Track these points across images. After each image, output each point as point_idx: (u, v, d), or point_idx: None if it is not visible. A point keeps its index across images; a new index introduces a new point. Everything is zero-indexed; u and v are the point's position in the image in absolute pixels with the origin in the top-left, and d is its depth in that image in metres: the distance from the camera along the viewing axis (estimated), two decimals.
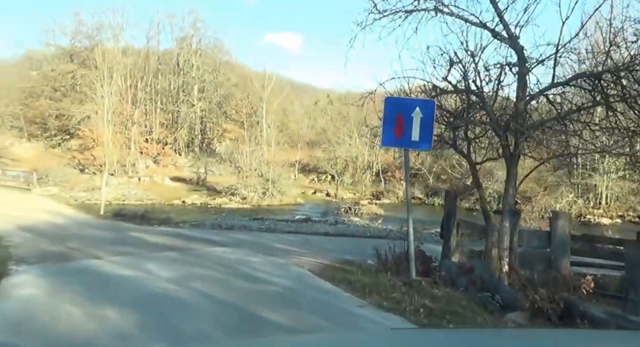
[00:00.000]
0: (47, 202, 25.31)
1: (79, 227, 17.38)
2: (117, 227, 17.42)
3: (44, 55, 59.14)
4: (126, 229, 16.77)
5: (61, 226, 17.57)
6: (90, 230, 16.39)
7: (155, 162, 53.60)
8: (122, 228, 16.98)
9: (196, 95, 57.81)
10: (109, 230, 16.30)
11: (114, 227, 17.40)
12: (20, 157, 50.15)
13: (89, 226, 17.72)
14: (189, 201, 42.14)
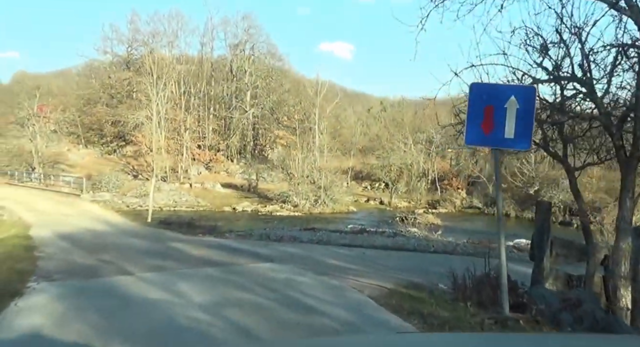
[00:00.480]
0: (95, 209, 24.65)
1: (121, 235, 16.32)
2: (160, 236, 16.27)
3: (101, 63, 59.85)
4: (169, 238, 15.59)
5: (102, 234, 16.56)
6: (131, 239, 15.27)
7: (208, 168, 53.12)
8: (165, 238, 15.80)
9: (249, 102, 57.14)
10: (150, 240, 15.14)
11: (156, 236, 16.26)
12: (77, 163, 50.56)
13: (131, 234, 16.63)
14: (240, 208, 41.14)
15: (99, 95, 58.49)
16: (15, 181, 35.63)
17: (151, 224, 20.70)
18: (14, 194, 29.48)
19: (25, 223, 19.42)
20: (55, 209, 23.47)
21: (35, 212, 22.32)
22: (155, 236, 16.15)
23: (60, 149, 53.76)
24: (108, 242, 14.24)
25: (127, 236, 16.22)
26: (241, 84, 57.56)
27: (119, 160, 53.45)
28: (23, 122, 43.68)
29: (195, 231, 18.15)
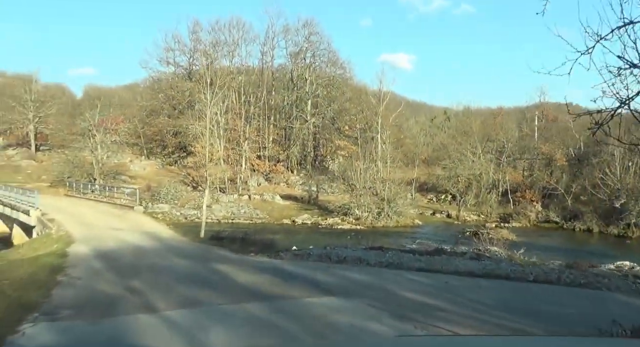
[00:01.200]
0: (148, 222, 23.19)
1: (165, 254, 14.48)
2: (208, 255, 14.32)
3: (163, 75, 59.76)
4: (216, 258, 13.61)
5: (145, 251, 14.78)
6: (175, 259, 13.38)
7: (267, 179, 51.55)
8: (213, 257, 13.84)
9: (309, 111, 55.36)
10: (195, 259, 13.19)
11: (204, 255, 14.32)
12: (138, 174, 50.09)
13: (177, 252, 14.77)
14: (299, 221, 39.16)
15: (161, 106, 58.23)
16: (74, 192, 34.98)
17: (202, 240, 18.85)
18: (70, 205, 28.58)
19: (70, 238, 17.99)
20: (106, 222, 22.11)
21: (85, 226, 20.97)
22: (201, 255, 14.20)
23: (123, 160, 53.56)
24: (146, 263, 12.38)
25: (171, 254, 14.36)
26: (302, 93, 55.89)
27: (179, 171, 52.70)
28: (84, 132, 43.42)
29: (248, 248, 16.11)
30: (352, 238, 34.12)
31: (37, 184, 43.33)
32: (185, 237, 19.32)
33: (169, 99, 57.96)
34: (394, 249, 14.59)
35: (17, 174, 47.21)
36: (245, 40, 57.23)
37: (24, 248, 18.82)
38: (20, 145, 57.14)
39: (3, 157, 53.07)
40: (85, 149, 43.12)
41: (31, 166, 49.99)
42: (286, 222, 39.19)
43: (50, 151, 54.08)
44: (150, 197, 41.09)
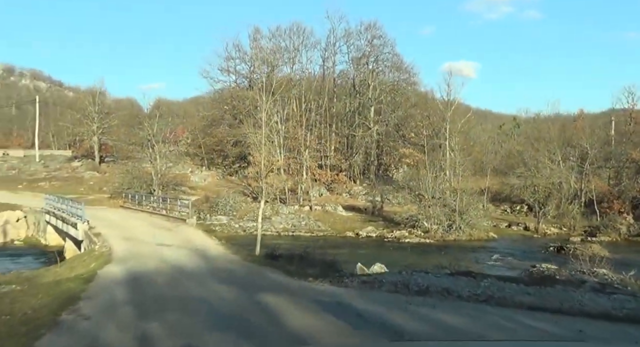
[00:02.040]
0: (199, 237, 21.00)
1: (206, 278, 12.04)
2: (258, 281, 11.77)
3: (225, 84, 58.57)
4: (268, 286, 11.03)
5: (184, 275, 12.41)
6: (216, 286, 10.90)
7: (329, 189, 48.94)
8: (263, 284, 11.27)
9: (372, 118, 52.53)
10: (241, 287, 10.65)
11: (253, 281, 11.78)
12: (198, 185, 48.67)
13: (221, 276, 12.32)
14: (363, 233, 36.27)
15: (222, 115, 56.98)
16: (130, 204, 33.52)
17: (255, 259, 16.36)
18: (122, 218, 26.91)
19: (110, 255, 15.96)
20: (153, 237, 20.05)
21: (130, 242, 18.96)
22: (250, 281, 11.65)
23: (184, 171, 52.42)
24: (179, 294, 9.96)
25: (214, 279, 11.90)
26: (364, 99, 53.15)
27: (240, 181, 50.92)
28: (143, 142, 42.27)
29: (307, 270, 13.45)
30: (421, 252, 31.20)
31: (98, 196, 42.55)
32: (236, 255, 16.89)
33: (229, 109, 56.61)
34: (488, 276, 11.48)
35: (80, 186, 46.73)
36: (306, 46, 55.20)
37: (63, 266, 16.93)
38: (85, 157, 57.16)
39: (68, 168, 53.02)
40: (145, 159, 41.93)
41: (94, 178, 49.53)
42: (349, 234, 36.43)
43: (114, 163, 53.62)
44: (209, 208, 39.36)
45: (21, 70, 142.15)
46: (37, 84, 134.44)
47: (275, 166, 41.89)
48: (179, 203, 26.93)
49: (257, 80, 57.00)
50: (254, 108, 55.03)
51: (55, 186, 46.10)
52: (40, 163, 55.98)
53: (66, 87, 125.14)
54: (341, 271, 16.67)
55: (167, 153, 41.90)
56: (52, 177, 49.48)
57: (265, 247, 20.36)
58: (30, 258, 27.40)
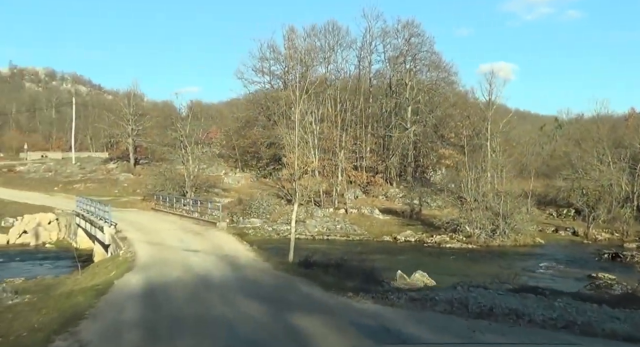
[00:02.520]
0: (229, 241, 19.72)
1: (233, 291, 10.72)
2: (290, 295, 10.39)
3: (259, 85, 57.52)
4: (301, 302, 9.64)
5: (207, 287, 11.12)
6: (242, 302, 9.55)
7: (365, 192, 47.30)
8: (296, 300, 9.88)
9: (409, 118, 50.64)
10: (270, 304, 9.26)
11: (284, 295, 10.38)
12: (231, 187, 47.68)
13: (249, 289, 10.96)
14: (401, 238, 34.57)
15: (256, 117, 56.01)
16: (161, 206, 32.60)
17: (288, 266, 14.95)
18: (150, 221, 25.91)
19: (133, 262, 14.84)
20: (181, 241, 18.90)
21: (156, 247, 17.84)
22: (280, 296, 10.25)
23: (217, 173, 51.61)
24: (199, 311, 8.66)
25: (240, 292, 10.56)
26: (401, 99, 51.33)
27: (274, 183, 49.74)
28: (175, 143, 41.48)
29: (345, 283, 11.97)
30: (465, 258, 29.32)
31: (131, 198, 41.99)
32: (267, 262, 15.53)
33: (263, 110, 55.60)
34: (561, 294, 9.76)
35: (114, 188, 46.34)
36: (342, 45, 53.70)
37: (85, 273, 15.91)
38: (120, 159, 56.96)
39: (103, 170, 52.80)
40: (178, 161, 41.11)
41: (128, 180, 49.11)
42: (387, 239, 34.80)
43: (149, 165, 53.17)
44: (242, 211, 38.26)
45: (62, 74, 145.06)
46: (77, 87, 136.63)
47: (310, 168, 40.60)
48: (210, 206, 25.72)
49: (291, 80, 55.96)
50: (288, 109, 54.05)
51: (90, 188, 45.79)
52: (76, 165, 56.03)
53: (105, 91, 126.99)
54: (382, 282, 15.15)
55: (200, 154, 40.96)
56: (87, 179, 49.28)
57: (299, 253, 19.01)
58: (59, 262, 26.69)
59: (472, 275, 25.21)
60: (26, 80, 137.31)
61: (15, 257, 27.24)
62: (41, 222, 31.46)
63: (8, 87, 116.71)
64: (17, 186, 46.50)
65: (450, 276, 24.58)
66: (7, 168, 52.95)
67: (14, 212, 33.70)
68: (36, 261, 26.65)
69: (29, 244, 30.33)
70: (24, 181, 48.83)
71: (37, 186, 46.59)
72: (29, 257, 27.59)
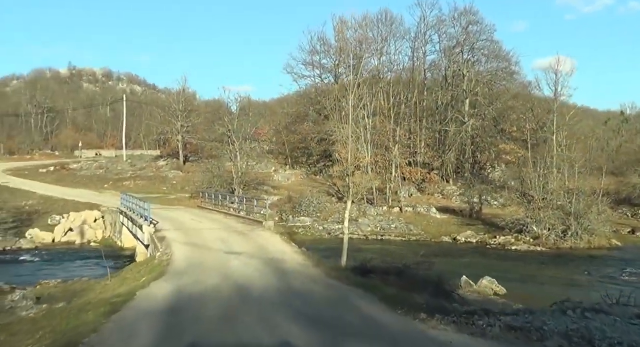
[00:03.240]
0: (275, 243, 17.80)
1: (273, 310, 8.71)
2: (345, 316, 8.28)
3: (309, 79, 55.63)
4: (360, 327, 7.57)
5: (245, 301, 9.18)
6: (284, 324, 7.55)
7: (419, 189, 44.65)
8: (353, 323, 7.79)
9: (467, 112, 47.67)
10: (320, 330, 7.22)
11: (338, 315, 8.30)
12: (281, 185, 46.01)
13: (295, 306, 8.94)
14: (462, 239, 31.91)
15: (306, 112, 54.22)
16: (207, 204, 31.13)
17: (341, 273, 12.86)
18: (194, 219, 24.23)
19: (168, 267, 13.17)
20: (224, 242, 17.10)
21: (195, 249, 16.10)
22: (334, 316, 8.17)
23: (267, 170, 50.09)
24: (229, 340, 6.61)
25: (284, 310, 8.54)
26: (458, 92, 48.42)
27: (325, 181, 47.84)
28: (222, 139, 40.06)
29: (411, 298, 9.78)
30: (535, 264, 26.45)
31: (180, 195, 40.90)
32: (317, 268, 13.49)
33: (313, 104, 53.74)
34: None
35: (163, 185, 45.47)
36: (395, 36, 51.16)
37: (115, 279, 14.27)
38: (171, 156, 56.29)
39: (153, 168, 52.15)
40: (226, 157, 39.64)
41: (177, 177, 48.19)
42: (446, 240, 32.21)
43: (198, 162, 52.18)
44: (292, 209, 36.45)
45: (119, 74, 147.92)
46: (133, 87, 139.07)
47: (363, 163, 38.38)
48: (256, 204, 23.88)
49: (342, 74, 53.87)
50: (340, 103, 52.05)
51: (139, 186, 45.07)
52: (127, 162, 55.69)
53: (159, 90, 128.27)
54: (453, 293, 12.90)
55: (249, 150, 39.34)
56: (137, 176, 48.66)
57: (352, 256, 16.92)
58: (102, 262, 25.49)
59: (546, 282, 22.46)
60: (84, 81, 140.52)
61: (60, 256, 26.26)
62: (87, 220, 30.53)
63: (67, 88, 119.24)
64: (68, 183, 46.28)
65: (522, 283, 21.92)
66: (60, 166, 53.04)
67: (61, 209, 32.99)
68: (79, 261, 25.54)
69: (74, 243, 29.38)
70: (75, 178, 48.66)
71: (88, 183, 46.23)
72: (73, 256, 26.56)
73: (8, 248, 27.07)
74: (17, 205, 34.04)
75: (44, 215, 32.43)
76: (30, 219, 31.71)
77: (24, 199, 35.92)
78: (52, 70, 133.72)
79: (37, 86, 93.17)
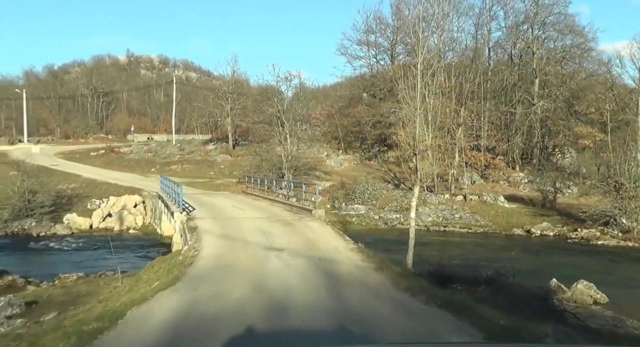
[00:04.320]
0: (325, 236, 14.63)
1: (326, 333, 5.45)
2: None
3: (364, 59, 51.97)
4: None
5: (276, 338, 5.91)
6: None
7: (483, 176, 40.47)
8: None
9: (536, 92, 42.99)
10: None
11: None
12: (333, 170, 42.83)
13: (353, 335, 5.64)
14: (536, 231, 27.84)
15: (361, 94, 50.71)
16: (252, 189, 28.34)
17: (412, 284, 9.50)
18: (235, 206, 21.26)
19: (188, 267, 10.12)
20: (264, 235, 14.07)
21: (229, 242, 13.16)
22: None
23: (319, 154, 47.03)
24: None
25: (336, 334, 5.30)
26: (526, 71, 43.73)
27: (379, 166, 44.37)
28: (271, 120, 37.10)
29: (530, 329, 6.35)
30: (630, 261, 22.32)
31: (227, 180, 38.44)
32: (380, 272, 10.22)
33: (368, 86, 50.18)
34: None
35: (210, 169, 43.12)
36: (457, 11, 46.59)
37: (127, 280, 11.49)
38: (221, 140, 54.05)
39: (201, 152, 49.93)
40: (275, 140, 36.78)
41: (226, 161, 45.75)
42: (518, 232, 28.21)
43: (249, 146, 49.68)
44: (345, 196, 33.20)
45: (175, 61, 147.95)
46: (188, 74, 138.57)
47: (424, 147, 34.65)
48: (304, 189, 20.75)
49: (400, 53, 50.03)
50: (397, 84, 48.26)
51: (186, 170, 42.91)
52: (176, 146, 53.78)
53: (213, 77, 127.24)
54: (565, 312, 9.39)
55: (299, 132, 36.27)
56: (184, 160, 46.52)
57: (417, 251, 13.65)
58: (139, 251, 23.07)
59: None
60: (142, 67, 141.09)
61: (95, 244, 23.98)
62: (127, 205, 28.21)
63: (125, 75, 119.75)
64: (115, 167, 44.67)
65: (625, 287, 17.95)
66: (109, 149, 51.65)
67: (102, 193, 30.93)
68: (115, 250, 23.10)
69: (112, 229, 27.11)
70: (123, 162, 47.01)
71: (135, 167, 44.46)
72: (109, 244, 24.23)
73: (42, 234, 25.06)
74: (58, 188, 32.23)
75: (85, 199, 30.43)
76: (70, 203, 29.76)
77: (67, 182, 34.16)
78: (111, 57, 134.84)
79: (97, 73, 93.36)
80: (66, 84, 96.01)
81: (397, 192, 34.80)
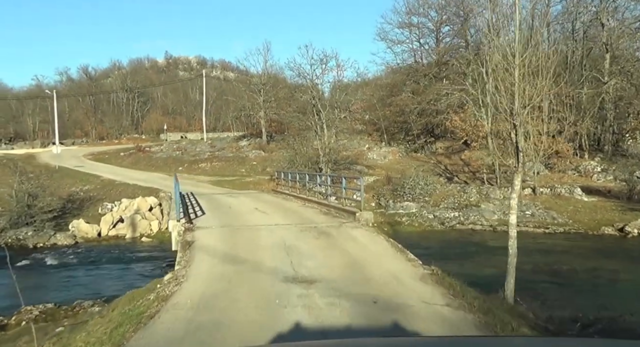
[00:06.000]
0: (375, 251, 9.77)
1: None
2: None
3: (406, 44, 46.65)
4: None
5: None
6: None
7: (547, 166, 34.69)
8: None
9: (607, 69, 36.80)
10: None
11: None
12: (376, 164, 37.84)
13: None
14: (633, 230, 22.14)
15: (403, 81, 45.51)
16: (283, 187, 23.67)
17: (519, 321, 4.46)
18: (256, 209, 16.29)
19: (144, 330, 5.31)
20: (288, 254, 9.31)
21: (231, 268, 8.46)
22: None
23: (360, 147, 42.14)
24: None
25: None
26: (595, 46, 37.62)
27: (427, 159, 39.12)
28: (305, 109, 32.30)
29: None
30: None
31: (259, 177, 34.02)
32: (482, 326, 5.22)
33: (411, 72, 44.93)
34: None
35: (241, 166, 38.73)
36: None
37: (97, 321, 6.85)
38: (254, 136, 49.75)
39: (233, 148, 45.59)
40: (311, 131, 32.04)
41: (258, 157, 41.26)
42: (608, 231, 22.56)
43: (283, 141, 45.16)
44: (391, 192, 28.15)
45: (212, 61, 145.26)
46: (226, 74, 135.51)
47: (482, 134, 29.55)
48: (344, 184, 15.76)
49: (447, 34, 44.58)
50: (444, 66, 42.99)
51: (215, 167, 38.67)
52: (207, 143, 49.73)
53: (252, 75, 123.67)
54: None
55: (338, 121, 31.37)
56: (214, 157, 42.26)
57: (491, 261, 8.86)
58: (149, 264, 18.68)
59: None
60: (180, 69, 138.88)
61: (99, 256, 19.77)
62: (140, 209, 23.88)
63: (164, 77, 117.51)
64: (142, 166, 40.88)
65: None
66: (137, 149, 48.08)
67: (117, 195, 26.83)
68: (122, 264, 18.78)
69: (124, 237, 22.82)
70: (150, 161, 43.14)
71: (162, 166, 40.51)
72: (118, 256, 19.94)
73: (39, 245, 20.92)
74: (71, 191, 28.38)
75: (97, 202, 26.36)
76: (81, 207, 25.72)
77: (82, 184, 30.31)
78: (150, 59, 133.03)
79: (135, 74, 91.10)
80: (102, 86, 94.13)
81: (453, 186, 29.53)
